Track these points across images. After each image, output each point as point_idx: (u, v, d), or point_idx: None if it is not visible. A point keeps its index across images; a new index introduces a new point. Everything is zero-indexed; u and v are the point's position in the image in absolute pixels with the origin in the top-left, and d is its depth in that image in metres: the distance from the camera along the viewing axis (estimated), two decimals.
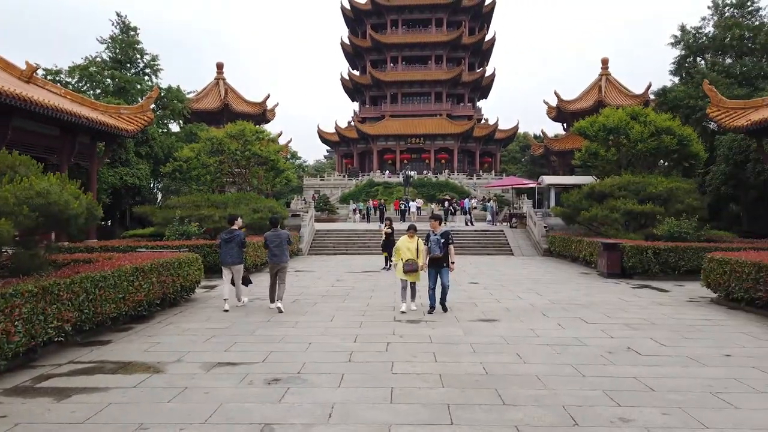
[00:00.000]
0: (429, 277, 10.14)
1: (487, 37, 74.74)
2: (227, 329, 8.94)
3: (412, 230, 10.30)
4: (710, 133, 30.46)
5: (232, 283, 10.98)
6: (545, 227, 25.24)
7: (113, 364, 6.72)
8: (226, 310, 10.46)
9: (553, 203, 27.69)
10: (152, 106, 35.04)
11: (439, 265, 9.97)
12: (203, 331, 8.76)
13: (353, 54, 76.38)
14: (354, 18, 75.95)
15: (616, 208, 19.36)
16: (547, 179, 28.75)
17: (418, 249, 10.03)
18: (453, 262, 10.13)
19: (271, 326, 9.16)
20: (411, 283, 10.31)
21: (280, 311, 10.31)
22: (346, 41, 75.27)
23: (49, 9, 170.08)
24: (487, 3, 74.05)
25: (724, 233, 21.58)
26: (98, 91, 32.47)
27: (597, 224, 20.81)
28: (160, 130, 34.55)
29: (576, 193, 21.97)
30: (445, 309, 10.20)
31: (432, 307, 10.18)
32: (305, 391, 5.61)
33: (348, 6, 74.65)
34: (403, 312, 10.09)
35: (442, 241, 9.87)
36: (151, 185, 34.93)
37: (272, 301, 10.73)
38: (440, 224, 10.36)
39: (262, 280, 14.26)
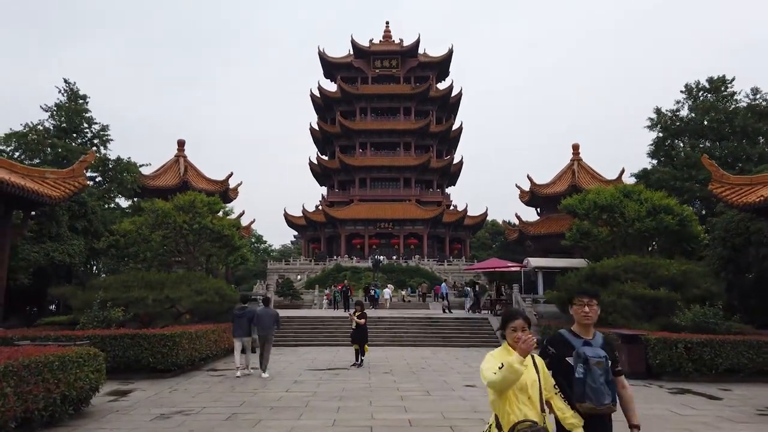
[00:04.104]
0: None
1: (454, 126, 75.32)
2: None
3: (520, 323, 3.41)
4: (700, 216, 28.88)
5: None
6: (536, 315, 22.31)
7: None
8: (238, 377, 12.61)
9: (541, 288, 24.99)
10: (98, 178, 32.04)
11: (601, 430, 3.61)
12: None
13: (322, 139, 75.64)
14: (323, 105, 76.00)
15: (625, 292, 16.69)
16: (534, 261, 26.20)
17: (541, 385, 3.37)
18: (638, 427, 3.69)
19: None
20: None
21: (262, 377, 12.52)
22: (315, 127, 74.71)
23: None
24: (453, 95, 75.31)
25: (741, 325, 19.01)
26: (36, 160, 29.30)
27: (601, 312, 18.03)
28: (106, 205, 31.17)
29: (573, 275, 19.32)
30: None
31: None
32: None
33: (318, 94, 74.94)
34: None
35: (610, 363, 3.66)
36: (90, 264, 30.98)
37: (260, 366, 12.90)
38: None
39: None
